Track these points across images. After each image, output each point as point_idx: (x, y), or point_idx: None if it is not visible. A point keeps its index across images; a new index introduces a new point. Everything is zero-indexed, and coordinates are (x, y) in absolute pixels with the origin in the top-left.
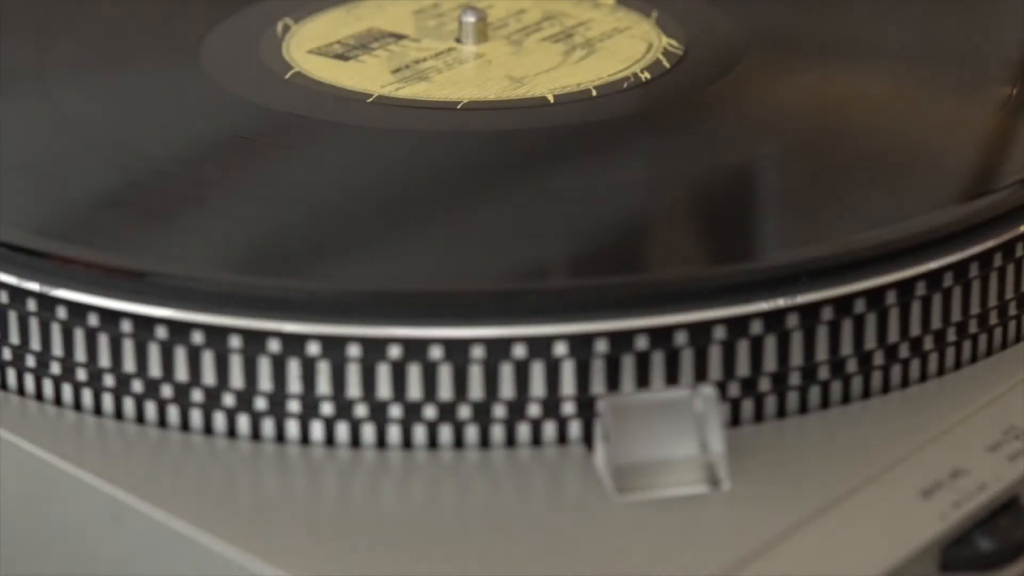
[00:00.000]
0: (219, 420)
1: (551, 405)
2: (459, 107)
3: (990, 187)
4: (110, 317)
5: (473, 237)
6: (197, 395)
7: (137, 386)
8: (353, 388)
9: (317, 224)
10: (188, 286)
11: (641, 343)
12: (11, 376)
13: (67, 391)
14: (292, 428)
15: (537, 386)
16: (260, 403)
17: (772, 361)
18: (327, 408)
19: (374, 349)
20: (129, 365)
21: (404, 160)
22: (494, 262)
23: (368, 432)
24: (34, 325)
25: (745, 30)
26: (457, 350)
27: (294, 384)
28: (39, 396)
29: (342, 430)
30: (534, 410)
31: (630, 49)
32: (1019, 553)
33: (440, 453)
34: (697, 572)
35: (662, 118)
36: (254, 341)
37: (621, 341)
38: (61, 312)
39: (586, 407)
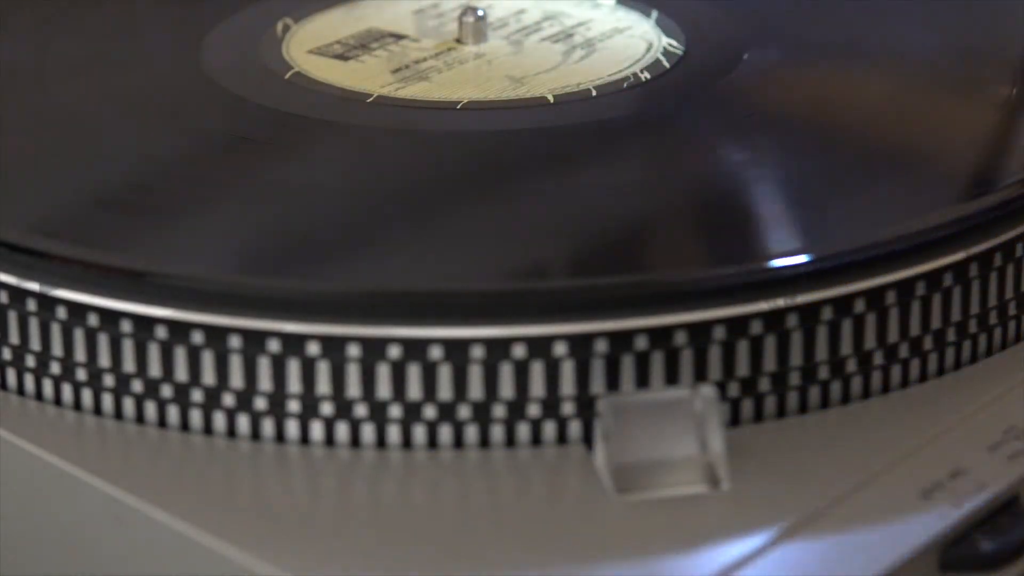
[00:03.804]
0: (219, 420)
1: (551, 405)
2: (459, 107)
3: (990, 187)
4: (110, 317)
5: (473, 237)
6: (197, 395)
7: (137, 386)
8: (353, 388)
9: (317, 224)
10: (188, 286)
11: (641, 343)
12: (11, 376)
13: (67, 391)
14: (292, 428)
15: (537, 386)
16: (260, 403)
17: (772, 361)
18: (327, 408)
19: (374, 349)
20: (129, 365)
21: (404, 160)
22: (494, 262)
23: (368, 432)
24: (34, 325)
25: (745, 30)
26: (457, 350)
27: (294, 384)
28: (39, 396)
29: (342, 430)
30: (534, 410)
31: (630, 49)
32: (1019, 553)
33: (440, 453)
34: (697, 572)
35: (662, 118)
36: (254, 341)
37: (621, 341)
38: (61, 312)
39: (586, 407)
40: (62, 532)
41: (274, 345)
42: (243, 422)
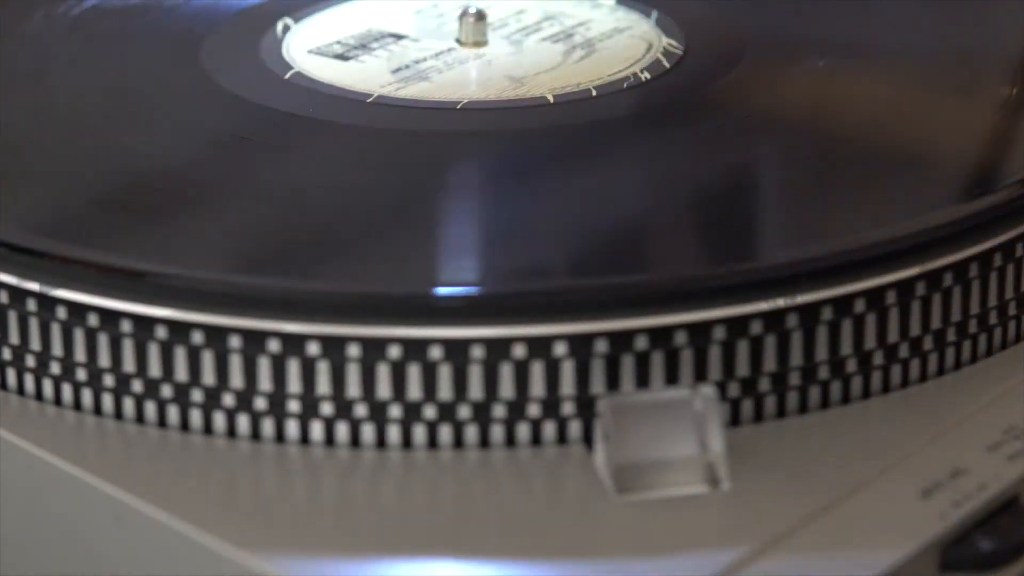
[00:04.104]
0: (219, 420)
1: (551, 405)
2: (459, 107)
3: (990, 187)
4: (110, 317)
5: (473, 237)
6: (197, 395)
7: (137, 386)
8: (353, 388)
9: (317, 224)
10: (188, 286)
11: (641, 343)
12: (11, 376)
13: (67, 391)
14: (292, 428)
15: (537, 386)
16: (260, 403)
17: (772, 361)
18: (327, 408)
19: (374, 349)
20: (129, 365)
21: (404, 160)
22: (494, 262)
23: (368, 432)
24: (34, 325)
25: (745, 30)
26: (457, 350)
27: (294, 384)
28: (39, 396)
29: (342, 430)
30: (534, 410)
31: (630, 49)
32: (1019, 553)
33: (440, 453)
34: (697, 572)
35: (662, 118)
36: (254, 341)
37: (621, 341)
38: (61, 312)
39: (586, 407)
40: (62, 532)
41: (274, 345)
42: (243, 422)
